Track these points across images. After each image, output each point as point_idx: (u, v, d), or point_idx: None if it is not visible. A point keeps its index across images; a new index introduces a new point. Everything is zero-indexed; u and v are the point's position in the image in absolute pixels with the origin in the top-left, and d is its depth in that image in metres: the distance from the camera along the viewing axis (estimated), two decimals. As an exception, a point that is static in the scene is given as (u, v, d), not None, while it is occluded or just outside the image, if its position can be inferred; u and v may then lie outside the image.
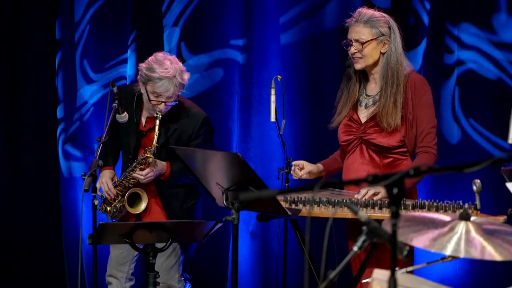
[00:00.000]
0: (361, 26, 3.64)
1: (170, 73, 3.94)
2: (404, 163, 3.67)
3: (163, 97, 3.97)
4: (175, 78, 3.96)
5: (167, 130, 4.12)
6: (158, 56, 4.03)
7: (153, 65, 3.97)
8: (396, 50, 3.65)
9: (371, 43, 3.63)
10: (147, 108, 4.12)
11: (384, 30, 3.64)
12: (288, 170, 3.83)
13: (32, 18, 5.39)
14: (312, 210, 3.41)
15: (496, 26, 4.88)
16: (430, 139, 3.63)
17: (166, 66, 3.96)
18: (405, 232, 2.39)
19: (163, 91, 3.95)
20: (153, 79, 3.94)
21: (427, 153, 3.62)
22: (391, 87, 3.62)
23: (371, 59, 3.66)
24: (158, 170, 4.10)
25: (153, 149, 3.98)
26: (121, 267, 4.30)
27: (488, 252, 2.33)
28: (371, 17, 3.65)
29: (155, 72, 3.94)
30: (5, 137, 5.41)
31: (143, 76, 3.98)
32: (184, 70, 4.04)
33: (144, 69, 3.98)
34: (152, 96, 3.98)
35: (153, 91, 3.96)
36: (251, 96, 5.23)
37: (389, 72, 3.64)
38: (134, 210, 4.18)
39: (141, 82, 4.02)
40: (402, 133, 3.63)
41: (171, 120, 4.13)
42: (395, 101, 3.61)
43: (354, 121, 3.75)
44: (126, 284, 4.32)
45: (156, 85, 3.95)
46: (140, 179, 4.08)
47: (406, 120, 3.63)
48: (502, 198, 4.14)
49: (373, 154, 3.69)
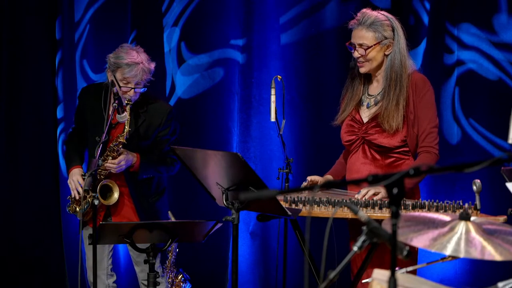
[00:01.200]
0: (364, 30, 3.62)
1: (138, 59, 4.14)
2: (406, 163, 3.66)
3: (132, 83, 4.09)
4: (143, 63, 4.15)
5: (136, 121, 4.24)
6: (125, 46, 4.25)
7: (120, 53, 4.17)
8: (400, 52, 3.64)
9: (375, 48, 3.62)
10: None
11: (387, 33, 3.62)
12: (288, 170, 3.83)
13: (32, 18, 5.39)
14: (312, 210, 3.41)
15: (496, 27, 4.88)
16: (431, 139, 3.63)
17: (133, 54, 4.16)
18: (405, 232, 2.39)
19: (132, 76, 4.12)
20: (122, 65, 4.13)
21: (428, 153, 3.62)
22: (394, 89, 3.62)
23: (375, 62, 3.66)
24: (129, 159, 4.17)
25: (126, 134, 4.08)
26: (99, 265, 4.33)
27: (488, 252, 2.33)
28: (375, 20, 3.62)
29: (123, 59, 4.14)
30: (5, 137, 5.40)
31: (112, 64, 4.17)
32: (149, 58, 4.22)
33: (112, 58, 4.18)
34: (121, 83, 4.09)
35: (123, 77, 4.14)
36: (251, 96, 5.23)
37: (393, 75, 3.63)
38: (106, 202, 4.22)
39: (110, 71, 4.19)
40: (404, 133, 3.63)
41: (139, 112, 4.26)
42: (397, 104, 3.60)
43: (356, 121, 3.75)
44: (109, 281, 4.39)
45: (125, 71, 4.12)
46: (112, 168, 4.13)
47: (408, 120, 3.63)
48: (502, 198, 4.15)
49: (375, 154, 3.69)
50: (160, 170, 4.28)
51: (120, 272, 5.20)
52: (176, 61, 5.36)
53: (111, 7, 5.39)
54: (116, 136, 4.14)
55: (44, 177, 5.46)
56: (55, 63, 5.44)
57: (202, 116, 5.34)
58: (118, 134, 4.13)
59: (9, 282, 5.47)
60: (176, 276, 4.70)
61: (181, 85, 5.37)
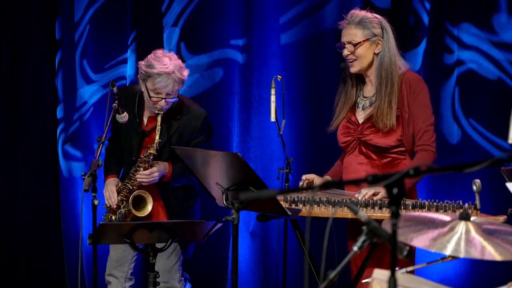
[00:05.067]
0: (353, 27, 3.65)
1: (169, 69, 3.98)
2: (403, 162, 3.67)
3: (163, 93, 4.00)
4: (174, 73, 3.99)
5: (168, 129, 4.13)
6: (157, 53, 4.07)
7: (152, 61, 4.01)
8: (389, 51, 3.66)
9: (364, 44, 3.64)
10: (148, 107, 4.13)
11: (376, 30, 3.64)
12: (288, 170, 3.83)
13: (32, 18, 5.39)
14: (312, 210, 3.41)
15: (496, 26, 4.88)
16: (428, 137, 3.63)
17: (165, 62, 4.00)
18: (405, 232, 2.39)
19: (162, 87, 3.98)
20: (153, 75, 3.98)
21: (425, 151, 3.62)
22: (385, 87, 3.63)
23: (365, 61, 3.67)
24: (161, 171, 4.10)
25: (156, 145, 3.99)
26: (120, 267, 4.30)
27: (488, 252, 2.33)
28: (363, 18, 3.66)
29: (154, 68, 3.98)
30: (5, 137, 5.40)
31: (143, 74, 4.01)
32: (183, 66, 4.07)
33: (143, 66, 4.02)
34: (152, 93, 4.00)
35: (153, 87, 3.99)
36: (251, 96, 5.23)
37: (383, 73, 3.64)
38: (139, 213, 4.16)
39: (141, 79, 4.05)
40: (399, 133, 3.63)
41: (172, 119, 4.15)
42: (390, 102, 3.61)
43: (352, 123, 3.76)
44: (126, 284, 4.33)
45: (155, 81, 3.98)
46: (144, 180, 4.07)
47: (403, 119, 3.63)
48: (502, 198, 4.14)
49: (372, 154, 3.70)
50: (191, 177, 4.12)
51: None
52: (176, 61, 5.35)
53: (111, 7, 5.39)
54: (147, 147, 4.06)
55: (44, 177, 5.46)
56: (55, 63, 5.43)
57: (202, 116, 5.33)
58: (149, 145, 4.04)
59: (9, 282, 5.47)
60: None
61: (181, 85, 5.37)
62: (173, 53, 4.10)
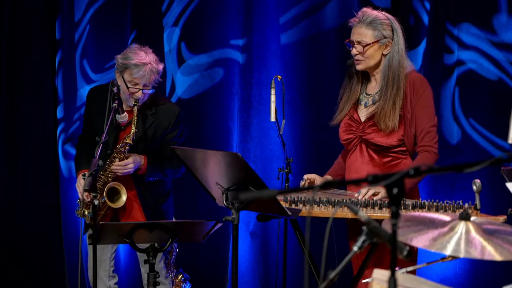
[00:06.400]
0: (363, 28, 3.64)
1: (146, 60, 4.11)
2: (403, 162, 3.67)
3: (141, 84, 4.10)
4: (151, 64, 4.12)
5: (144, 123, 4.22)
6: (132, 46, 4.21)
7: (129, 54, 4.14)
8: (398, 53, 3.65)
9: (373, 46, 3.63)
10: (124, 100, 4.19)
11: (386, 32, 3.63)
12: (288, 170, 3.83)
13: (32, 18, 5.39)
14: (312, 210, 3.41)
15: (496, 27, 4.88)
16: (430, 138, 3.63)
17: (141, 54, 4.13)
18: (405, 232, 2.39)
19: (140, 77, 4.09)
20: (130, 66, 4.09)
21: (427, 152, 3.62)
22: (391, 89, 3.62)
23: (373, 61, 3.66)
24: (137, 162, 4.16)
25: (132, 135, 4.04)
26: (101, 265, 4.32)
27: (488, 252, 2.33)
28: (375, 19, 3.64)
29: (131, 60, 4.10)
30: (5, 137, 5.40)
31: (120, 65, 4.13)
32: (158, 59, 4.20)
33: (120, 59, 4.15)
34: (130, 84, 4.08)
35: (131, 78, 4.10)
36: (251, 96, 5.23)
37: (390, 75, 3.63)
38: (114, 204, 4.20)
39: (118, 72, 4.16)
40: (401, 133, 3.63)
41: (148, 114, 4.24)
42: (394, 104, 3.61)
43: (354, 120, 3.75)
44: (110, 282, 4.39)
45: (133, 71, 4.09)
46: (119, 170, 4.12)
47: (405, 119, 3.63)
48: (502, 198, 4.15)
49: (373, 153, 3.69)
50: (166, 173, 4.26)
51: (120, 273, 5.19)
52: (176, 61, 5.36)
53: (111, 7, 5.39)
54: (123, 138, 4.12)
55: (44, 177, 5.46)
56: (55, 63, 5.44)
57: (202, 116, 5.34)
58: (125, 135, 4.12)
59: (9, 282, 5.47)
60: (176, 276, 4.70)
61: (181, 85, 5.37)
62: (147, 47, 4.21)
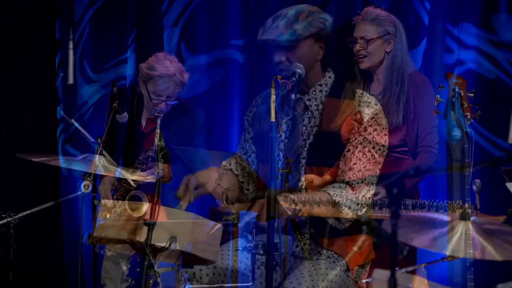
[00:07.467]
0: (367, 24, 3.66)
1: (171, 71, 4.00)
2: (405, 162, 3.67)
3: (164, 96, 3.99)
4: (175, 76, 4.01)
5: (168, 131, 4.13)
6: (159, 55, 4.08)
7: (153, 64, 4.02)
8: (401, 50, 3.66)
9: (377, 41, 3.64)
10: (148, 109, 4.13)
11: (390, 29, 3.64)
12: (288, 170, 3.82)
13: (32, 18, 5.39)
14: (312, 210, 3.41)
15: (496, 26, 4.88)
16: (431, 138, 3.63)
17: (166, 64, 4.02)
18: (405, 232, 2.39)
19: (163, 89, 3.99)
20: (154, 77, 3.99)
21: (427, 152, 3.63)
22: (395, 86, 3.64)
23: (376, 58, 3.67)
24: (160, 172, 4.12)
25: (155, 148, 3.99)
26: (116, 267, 4.30)
27: (488, 252, 2.33)
28: (378, 15, 3.66)
29: (155, 71, 3.99)
30: (5, 138, 5.40)
31: (144, 75, 4.02)
32: (183, 70, 4.08)
33: (145, 68, 4.02)
34: (153, 95, 4.00)
35: (154, 90, 4.00)
36: (251, 96, 5.22)
37: (394, 71, 3.64)
38: (135, 213, 4.17)
39: (141, 81, 4.06)
40: (403, 133, 3.64)
41: (172, 121, 4.13)
42: (398, 100, 3.62)
43: (356, 120, 3.75)
44: (122, 285, 4.33)
45: (157, 83, 3.99)
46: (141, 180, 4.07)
47: (407, 119, 3.63)
48: (502, 198, 4.14)
49: (375, 153, 3.69)
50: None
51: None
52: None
53: (111, 7, 5.38)
54: (145, 149, 4.07)
55: (44, 177, 5.46)
56: (55, 63, 5.43)
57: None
58: (147, 147, 4.06)
59: (9, 282, 5.46)
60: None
61: (181, 85, 5.36)
62: (173, 56, 4.12)
